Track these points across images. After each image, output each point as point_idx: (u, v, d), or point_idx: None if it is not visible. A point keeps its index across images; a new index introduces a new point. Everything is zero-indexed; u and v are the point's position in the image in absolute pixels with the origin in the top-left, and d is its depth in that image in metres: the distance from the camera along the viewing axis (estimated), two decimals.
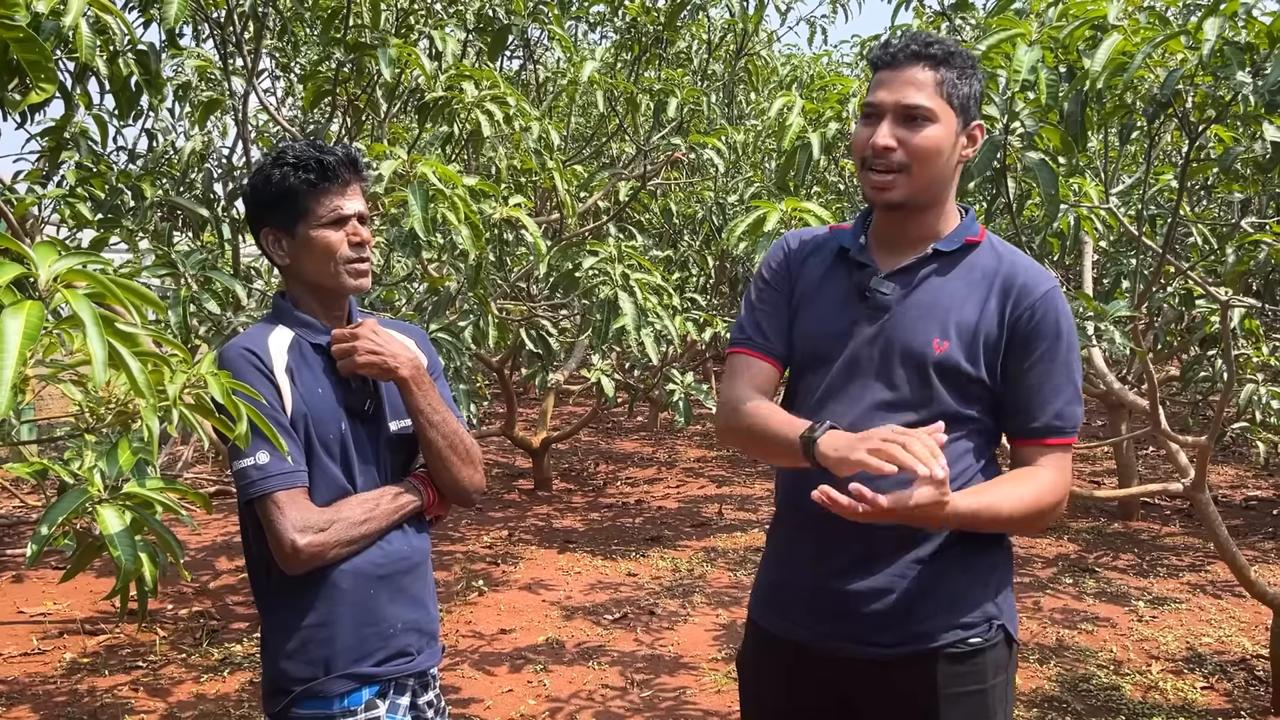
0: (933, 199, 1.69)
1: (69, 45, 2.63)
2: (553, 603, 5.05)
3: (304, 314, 1.84)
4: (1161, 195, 4.28)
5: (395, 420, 1.88)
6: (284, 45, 4.38)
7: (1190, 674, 4.04)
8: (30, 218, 3.58)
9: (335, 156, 1.80)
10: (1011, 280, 1.67)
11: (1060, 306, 1.67)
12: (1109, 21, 2.39)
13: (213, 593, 5.25)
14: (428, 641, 1.89)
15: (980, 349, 1.65)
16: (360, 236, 1.81)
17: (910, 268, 1.70)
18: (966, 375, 1.65)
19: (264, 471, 1.69)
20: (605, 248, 3.90)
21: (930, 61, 1.62)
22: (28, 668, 4.20)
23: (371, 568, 1.79)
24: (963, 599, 1.68)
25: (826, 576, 1.70)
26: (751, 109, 6.67)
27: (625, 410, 10.00)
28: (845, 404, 1.70)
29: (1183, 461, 3.48)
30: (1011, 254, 1.72)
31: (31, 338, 1.04)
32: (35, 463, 1.47)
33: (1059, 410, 1.66)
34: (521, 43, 5.27)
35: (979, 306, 1.66)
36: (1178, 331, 5.32)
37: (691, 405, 4.78)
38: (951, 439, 1.62)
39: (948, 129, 1.63)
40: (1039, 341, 1.65)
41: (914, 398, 1.67)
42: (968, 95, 1.64)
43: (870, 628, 1.68)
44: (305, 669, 1.77)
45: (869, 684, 1.71)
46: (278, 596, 1.79)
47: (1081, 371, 1.71)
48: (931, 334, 1.66)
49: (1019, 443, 1.70)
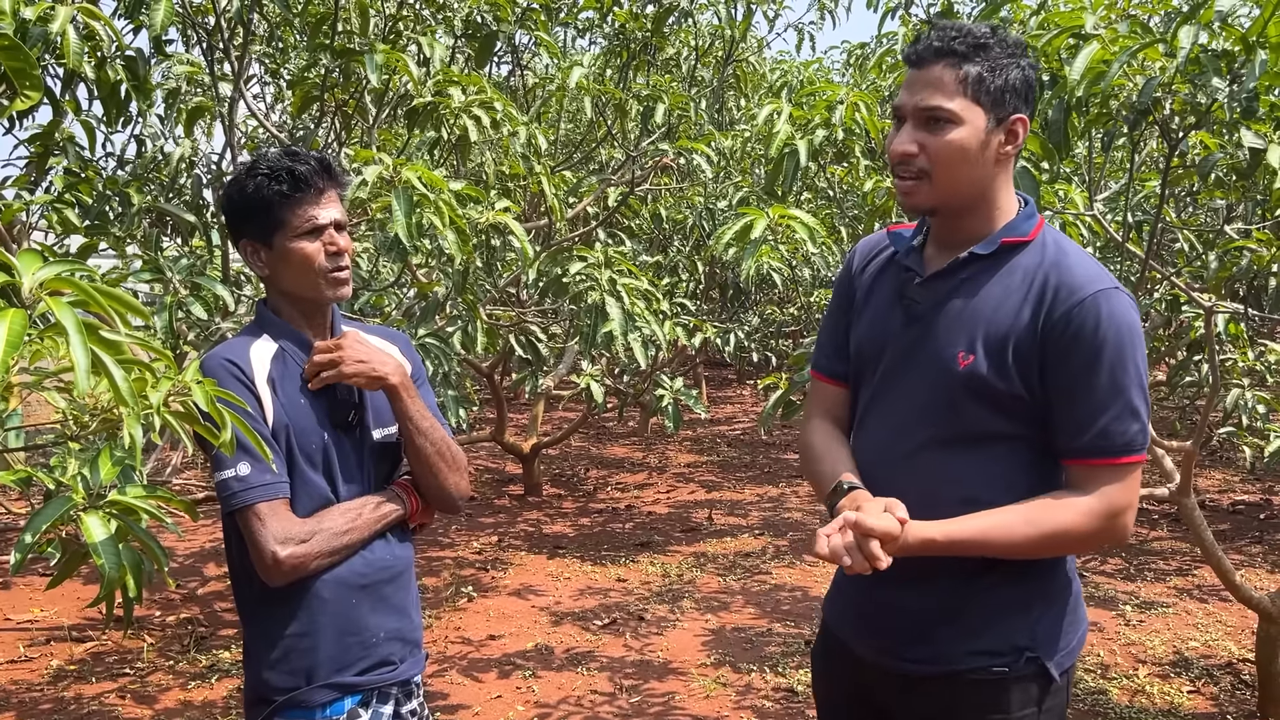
0: (972, 200, 1.58)
1: (57, 51, 2.63)
2: (542, 608, 5.05)
3: (287, 323, 1.83)
4: (1147, 201, 4.31)
5: (379, 429, 1.88)
6: (272, 51, 4.38)
7: (1177, 678, 4.06)
8: (18, 224, 3.57)
9: (308, 165, 1.77)
10: (1050, 282, 1.52)
11: (1107, 311, 1.49)
12: (1087, 29, 2.40)
13: (200, 599, 5.23)
14: (411, 650, 1.89)
15: (1011, 361, 1.52)
16: (337, 245, 1.79)
17: (945, 273, 1.60)
18: (997, 391, 1.53)
19: (245, 483, 1.69)
20: (593, 253, 3.92)
21: (953, 58, 1.51)
22: (14, 675, 4.18)
23: (354, 577, 1.79)
24: (989, 626, 1.60)
25: (872, 586, 1.61)
26: (741, 114, 6.70)
27: (615, 415, 10.00)
28: (881, 418, 1.66)
29: (1168, 466, 3.50)
30: (1060, 251, 1.56)
31: (14, 345, 1.05)
32: (20, 470, 1.48)
33: (1104, 428, 1.50)
34: (509, 49, 5.28)
35: (1013, 313, 1.53)
36: (1164, 337, 5.35)
37: (681, 411, 4.80)
38: (984, 458, 1.56)
39: (973, 129, 1.51)
40: (1077, 352, 1.50)
41: (942, 415, 1.58)
42: (1003, 87, 1.52)
43: (903, 642, 1.64)
44: (287, 679, 1.77)
45: (901, 697, 1.69)
46: (260, 606, 1.79)
47: (1142, 382, 1.53)
48: (958, 346, 1.55)
49: (1064, 462, 1.57)
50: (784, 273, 4.37)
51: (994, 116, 1.53)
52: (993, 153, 1.54)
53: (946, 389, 1.56)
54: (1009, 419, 1.56)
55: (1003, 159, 1.57)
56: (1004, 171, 1.59)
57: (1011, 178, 1.61)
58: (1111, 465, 1.52)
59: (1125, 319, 1.51)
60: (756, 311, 6.80)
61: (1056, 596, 1.64)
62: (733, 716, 3.76)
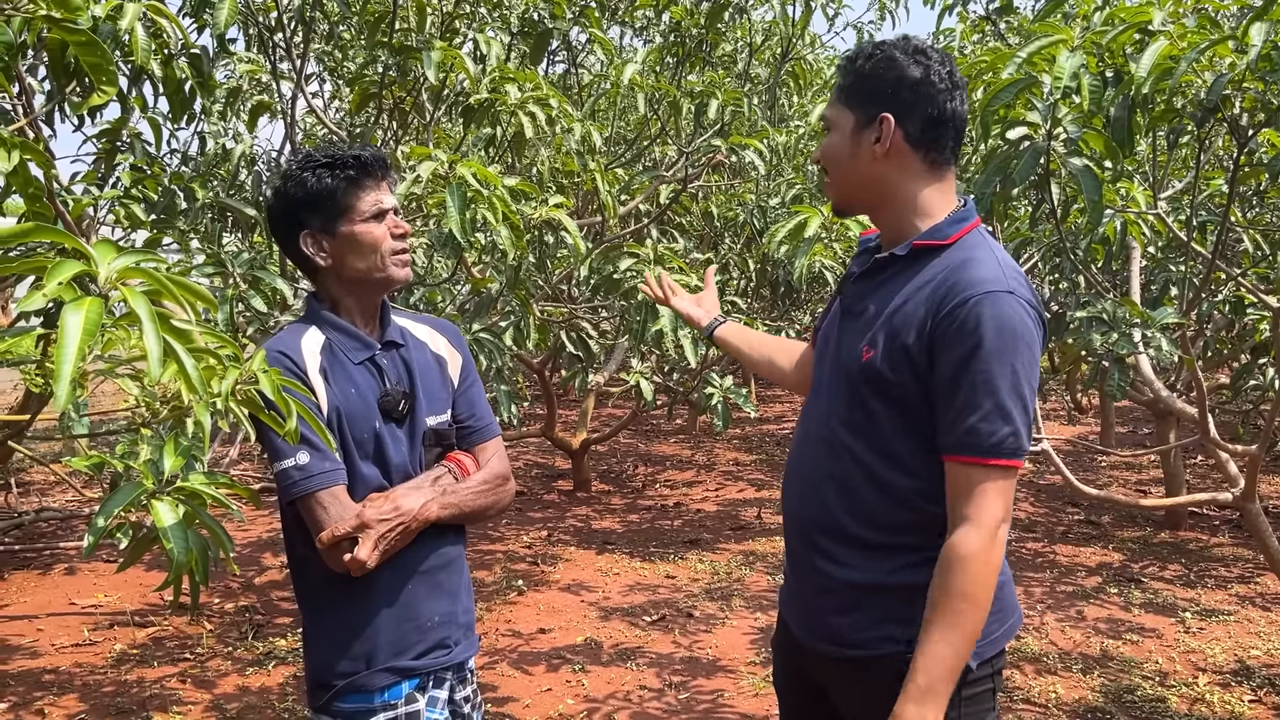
0: (870, 199, 1.69)
1: (125, 49, 2.70)
2: (591, 603, 5.07)
3: (337, 317, 1.86)
4: (1212, 200, 4.21)
5: (432, 415, 1.90)
6: (331, 49, 4.44)
7: (1238, 686, 3.97)
8: (86, 218, 3.66)
9: (369, 153, 1.84)
10: (948, 282, 1.56)
11: (991, 312, 1.51)
12: (1155, 26, 2.36)
13: (258, 588, 5.33)
14: (464, 633, 1.92)
15: (903, 358, 1.58)
16: (402, 228, 1.86)
17: (869, 273, 1.71)
18: (889, 383, 1.59)
19: (305, 472, 1.72)
20: (643, 249, 3.92)
21: (837, 75, 1.70)
22: (78, 658, 4.29)
23: (410, 563, 1.83)
24: (892, 613, 1.65)
25: (798, 573, 1.78)
26: (794, 111, 6.66)
27: (664, 413, 10.01)
28: (813, 398, 1.79)
29: (1232, 471, 3.42)
30: (968, 255, 1.60)
31: (91, 333, 1.07)
32: (93, 456, 1.52)
33: (972, 425, 1.52)
34: (564, 46, 5.31)
35: (912, 312, 1.59)
36: (1227, 339, 5.23)
37: (730, 409, 4.78)
38: (880, 440, 1.63)
39: (842, 131, 1.66)
40: (956, 347, 1.52)
41: (848, 399, 1.67)
42: (869, 90, 1.63)
43: (820, 625, 1.74)
44: (347, 663, 1.80)
45: (830, 676, 1.76)
46: (320, 593, 1.83)
47: (1019, 388, 1.53)
48: (863, 341, 1.65)
49: (942, 458, 1.57)
50: (836, 271, 4.34)
51: (863, 117, 1.64)
52: (866, 151, 1.64)
53: (852, 379, 1.66)
54: (902, 409, 1.61)
55: (884, 156, 1.63)
56: (900, 170, 1.65)
57: (931, 177, 1.65)
58: (980, 465, 1.53)
59: (1009, 321, 1.52)
60: (807, 310, 6.76)
61: None
62: None
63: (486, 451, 1.97)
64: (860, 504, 1.65)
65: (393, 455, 1.84)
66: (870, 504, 1.65)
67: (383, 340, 1.89)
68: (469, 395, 1.98)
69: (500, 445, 2.00)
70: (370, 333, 1.88)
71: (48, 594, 5.11)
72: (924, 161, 1.64)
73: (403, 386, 1.87)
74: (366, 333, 1.88)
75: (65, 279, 1.10)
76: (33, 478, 7.64)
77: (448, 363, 1.97)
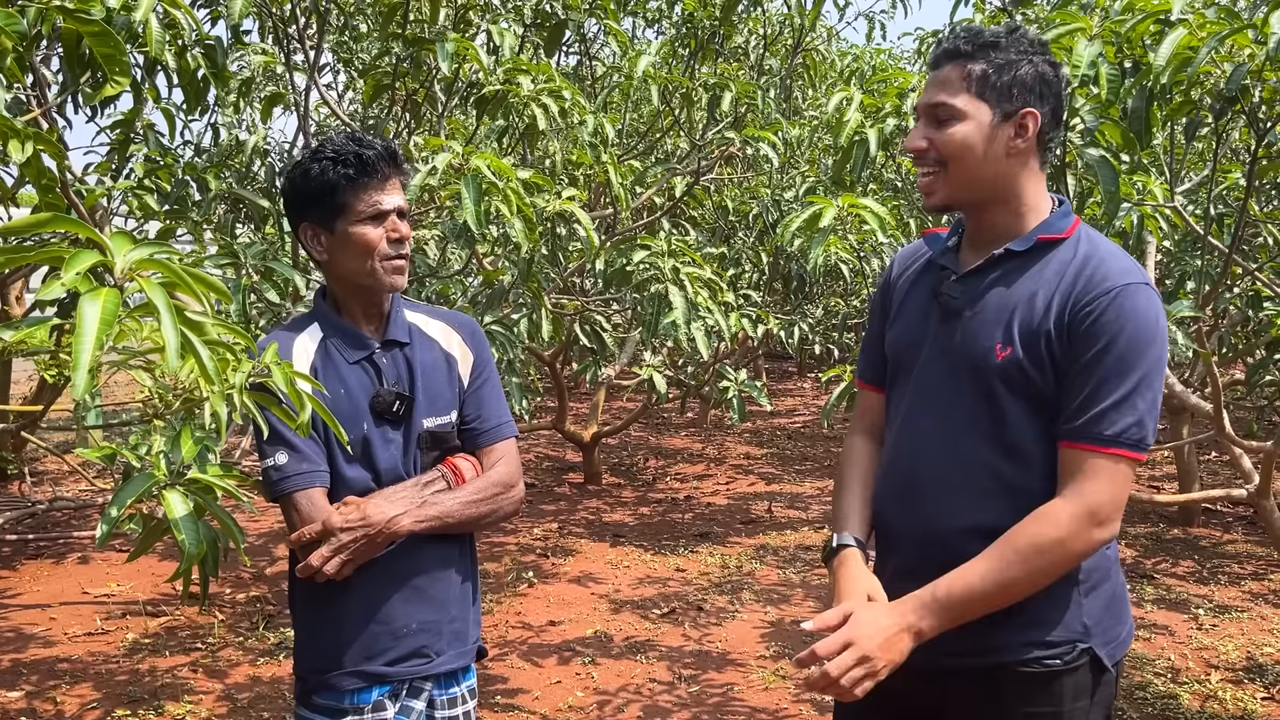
0: (988, 196, 1.60)
1: (138, 40, 2.70)
2: (601, 596, 5.07)
3: (336, 314, 1.83)
4: (1229, 194, 4.18)
5: (433, 416, 1.84)
6: (345, 40, 4.44)
7: (1250, 684, 3.94)
8: (99, 209, 3.67)
9: (374, 151, 1.76)
10: (1082, 274, 1.54)
11: (1130, 305, 1.50)
12: (1174, 15, 2.33)
13: (269, 579, 5.35)
14: (449, 643, 1.85)
15: (1044, 352, 1.53)
16: (400, 233, 1.77)
17: (980, 270, 1.62)
18: (1032, 381, 1.54)
19: (282, 472, 1.71)
20: (656, 242, 3.91)
21: (960, 58, 1.58)
22: (91, 647, 4.32)
23: (389, 569, 1.79)
24: (1037, 617, 1.57)
25: (902, 579, 1.62)
26: (808, 104, 6.64)
27: (675, 406, 10.00)
28: (921, 410, 1.67)
29: (1247, 467, 3.40)
30: (1093, 247, 1.58)
31: (108, 323, 1.07)
32: (106, 447, 1.52)
33: (1098, 412, 1.49)
34: (578, 38, 5.29)
35: (1045, 305, 1.54)
36: (1243, 334, 5.19)
37: (745, 402, 4.77)
38: (1019, 445, 1.56)
39: (977, 124, 1.56)
40: (1092, 338, 1.50)
41: (980, 405, 1.58)
42: (1009, 83, 1.55)
43: (942, 637, 1.59)
44: (319, 661, 1.80)
45: (937, 694, 1.65)
46: (300, 590, 1.83)
47: (1155, 386, 1.51)
48: (995, 338, 1.56)
49: (1059, 445, 1.54)
50: (852, 264, 4.32)
51: (1000, 111, 1.56)
52: (1001, 146, 1.57)
53: (984, 387, 1.58)
54: (1043, 409, 1.56)
55: (1016, 153, 1.59)
56: (1024, 167, 1.60)
57: (1039, 175, 1.62)
58: (1099, 453, 1.50)
59: (1147, 315, 1.52)
60: (820, 303, 6.74)
61: (1102, 588, 1.63)
62: (791, 709, 3.75)
63: (494, 454, 1.88)
64: (990, 508, 1.58)
65: (382, 458, 1.79)
66: (1000, 507, 1.57)
67: (384, 339, 1.83)
68: (479, 395, 1.90)
69: (511, 448, 1.91)
70: (372, 330, 1.83)
71: (61, 583, 5.14)
72: (1039, 158, 1.62)
73: (400, 387, 1.81)
74: (368, 330, 1.83)
75: (83, 269, 1.10)
76: (46, 467, 7.68)
77: (458, 361, 1.90)
